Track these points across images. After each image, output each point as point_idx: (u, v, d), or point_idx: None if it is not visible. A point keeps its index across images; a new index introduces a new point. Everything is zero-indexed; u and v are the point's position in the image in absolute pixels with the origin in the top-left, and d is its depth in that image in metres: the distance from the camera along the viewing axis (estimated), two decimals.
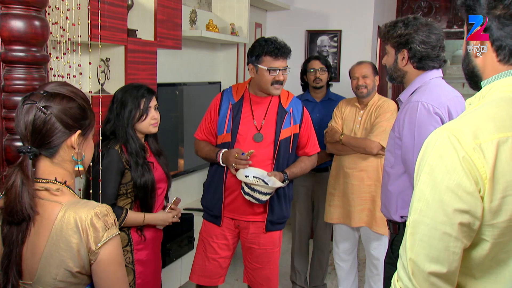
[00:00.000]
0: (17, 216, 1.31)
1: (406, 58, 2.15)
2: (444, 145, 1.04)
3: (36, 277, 1.33)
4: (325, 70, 3.58)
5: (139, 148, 2.31)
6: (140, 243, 2.32)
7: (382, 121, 3.14)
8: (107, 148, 2.25)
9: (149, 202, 2.33)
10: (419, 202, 1.07)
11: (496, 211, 1.02)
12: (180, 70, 3.87)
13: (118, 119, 2.32)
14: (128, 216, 2.25)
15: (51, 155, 1.37)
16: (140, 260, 2.32)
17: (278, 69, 2.57)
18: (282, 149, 2.65)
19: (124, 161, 2.27)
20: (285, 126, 2.65)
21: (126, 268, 2.16)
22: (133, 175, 2.27)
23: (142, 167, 2.28)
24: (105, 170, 2.18)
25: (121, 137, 2.30)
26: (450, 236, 1.03)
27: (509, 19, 1.08)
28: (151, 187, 2.31)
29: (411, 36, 2.12)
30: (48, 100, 1.33)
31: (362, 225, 3.26)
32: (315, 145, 2.81)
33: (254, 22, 4.79)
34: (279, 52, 2.56)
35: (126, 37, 2.84)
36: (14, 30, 1.67)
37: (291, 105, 2.70)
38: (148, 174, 2.29)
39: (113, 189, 2.24)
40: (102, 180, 2.11)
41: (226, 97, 2.76)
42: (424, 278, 1.05)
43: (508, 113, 1.05)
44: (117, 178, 2.25)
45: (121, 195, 2.28)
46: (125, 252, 2.27)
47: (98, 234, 1.31)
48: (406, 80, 2.21)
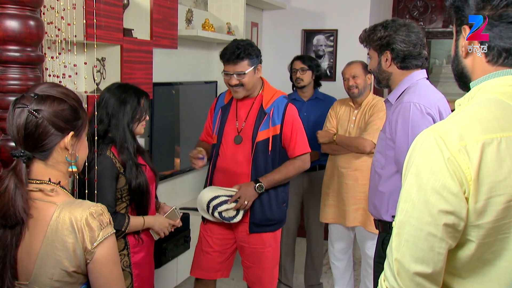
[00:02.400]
0: (10, 219, 1.31)
1: (390, 59, 2.19)
2: (430, 146, 1.05)
3: (32, 277, 1.34)
4: (306, 70, 3.60)
5: (135, 149, 2.28)
6: (136, 246, 2.31)
7: (375, 120, 3.16)
8: (98, 153, 2.18)
9: (145, 204, 2.31)
10: (405, 203, 1.08)
11: (481, 212, 1.03)
12: (176, 70, 3.88)
13: (115, 118, 2.25)
14: (131, 222, 2.23)
15: (44, 157, 1.37)
16: (137, 263, 2.31)
17: (229, 73, 2.60)
18: (260, 151, 2.63)
19: (118, 165, 2.22)
20: (262, 128, 2.63)
21: (123, 272, 2.16)
22: (127, 177, 2.22)
23: (136, 169, 2.25)
24: (100, 178, 2.13)
25: (118, 137, 2.23)
26: (435, 237, 1.04)
27: (498, 19, 1.09)
28: (146, 188, 2.28)
29: (392, 37, 2.16)
30: (39, 103, 1.32)
31: (357, 225, 3.27)
32: (302, 145, 2.69)
33: (251, 22, 4.79)
34: (226, 57, 2.60)
35: (122, 37, 2.84)
36: (8, 30, 1.66)
37: (273, 105, 2.67)
38: (141, 176, 2.25)
39: (112, 196, 2.20)
40: (98, 189, 2.08)
41: (220, 99, 2.83)
42: (409, 278, 1.06)
43: (494, 115, 1.06)
44: (113, 184, 2.21)
45: (117, 200, 2.25)
46: (122, 256, 2.24)
47: (94, 234, 1.31)
48: (391, 82, 2.24)
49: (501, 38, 1.09)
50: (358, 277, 3.98)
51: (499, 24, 1.09)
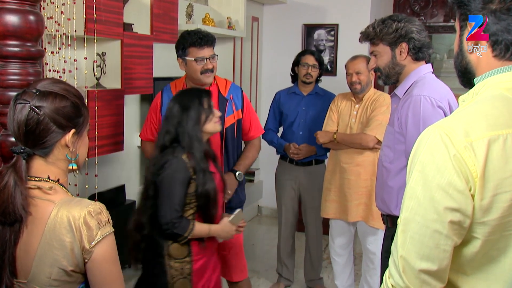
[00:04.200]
0: (9, 217, 1.29)
1: (406, 50, 2.16)
2: (435, 143, 1.04)
3: (30, 275, 1.32)
4: (317, 67, 3.58)
5: (203, 153, 2.21)
6: (199, 253, 2.24)
7: (377, 115, 3.14)
8: (173, 156, 2.15)
9: (211, 212, 2.23)
10: (410, 200, 1.07)
11: (486, 209, 1.03)
12: (177, 64, 3.85)
13: (180, 125, 2.20)
14: (195, 228, 2.17)
15: (45, 154, 1.35)
16: (198, 270, 2.24)
17: (205, 58, 2.62)
18: (229, 136, 2.69)
19: (191, 170, 2.17)
20: (228, 113, 2.69)
21: (184, 280, 2.16)
22: (196, 182, 2.16)
23: (204, 174, 2.17)
24: (170, 180, 2.11)
25: (185, 144, 2.18)
26: (440, 234, 1.04)
27: (505, 13, 1.08)
28: (213, 196, 2.20)
29: (408, 27, 2.14)
30: (41, 100, 1.31)
31: (359, 220, 3.27)
32: (259, 127, 2.91)
33: (251, 16, 4.78)
34: (202, 41, 2.61)
35: (122, 31, 2.83)
36: (8, 24, 1.65)
37: (231, 92, 2.75)
38: (210, 183, 2.18)
39: (179, 199, 2.14)
40: (167, 191, 2.08)
41: (166, 95, 2.76)
42: (414, 275, 1.06)
43: (500, 111, 1.05)
44: (183, 188, 2.15)
45: (185, 205, 2.19)
46: (184, 263, 2.19)
47: (92, 233, 1.29)
48: (402, 76, 2.21)
49: (509, 31, 1.08)
50: (358, 272, 3.99)
51: (508, 18, 1.08)
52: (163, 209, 2.13)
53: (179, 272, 2.18)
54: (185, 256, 2.19)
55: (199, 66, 2.62)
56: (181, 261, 2.18)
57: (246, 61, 4.83)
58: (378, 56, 2.24)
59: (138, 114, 3.60)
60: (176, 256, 2.18)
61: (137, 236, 2.22)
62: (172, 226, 2.12)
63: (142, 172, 3.69)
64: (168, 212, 2.11)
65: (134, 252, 2.25)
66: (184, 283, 2.17)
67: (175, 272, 2.17)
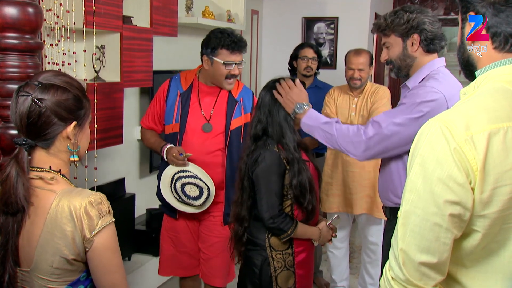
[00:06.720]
0: (12, 207, 1.32)
1: (417, 42, 2.12)
2: (436, 136, 1.04)
3: (33, 264, 1.35)
4: (316, 60, 3.57)
5: (295, 142, 2.16)
6: (300, 246, 2.21)
7: (380, 107, 3.13)
8: (265, 149, 2.12)
9: (307, 204, 2.15)
10: (410, 193, 1.07)
11: (486, 202, 1.03)
12: (176, 57, 3.86)
13: (271, 115, 2.16)
14: (298, 229, 2.12)
15: (47, 146, 1.37)
16: (300, 262, 2.21)
17: (234, 63, 2.53)
18: (234, 139, 2.61)
19: (285, 161, 2.12)
20: (235, 116, 2.61)
21: (287, 271, 2.15)
22: (291, 173, 2.12)
23: (298, 165, 2.12)
24: (267, 174, 2.09)
25: (275, 133, 2.14)
26: (440, 227, 1.04)
27: (504, 4, 1.08)
28: (309, 186, 2.13)
29: (420, 18, 2.11)
30: (43, 92, 1.32)
31: (363, 212, 3.27)
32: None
33: (251, 9, 4.76)
34: (236, 46, 2.52)
35: (122, 24, 2.81)
36: (7, 17, 1.65)
37: (241, 94, 2.66)
38: (304, 173, 2.13)
39: (278, 192, 2.10)
40: (265, 186, 2.06)
41: (174, 85, 2.67)
42: (414, 268, 1.06)
43: (501, 104, 1.05)
44: (280, 180, 2.11)
45: (283, 196, 2.14)
46: (286, 255, 2.17)
47: (93, 222, 1.32)
48: (413, 69, 2.17)
49: (508, 23, 1.08)
50: (357, 265, 4.00)
51: (506, 9, 1.08)
52: (263, 203, 2.10)
53: (282, 263, 2.16)
54: (286, 249, 2.17)
55: (226, 70, 2.53)
56: (283, 252, 2.16)
57: (246, 54, 4.82)
58: (390, 48, 2.20)
59: (138, 107, 3.60)
60: (278, 248, 2.16)
61: (239, 229, 2.20)
62: (278, 222, 2.10)
63: (141, 165, 3.70)
64: (269, 207, 2.09)
65: (237, 246, 2.23)
66: (288, 274, 2.16)
67: (277, 263, 2.16)
